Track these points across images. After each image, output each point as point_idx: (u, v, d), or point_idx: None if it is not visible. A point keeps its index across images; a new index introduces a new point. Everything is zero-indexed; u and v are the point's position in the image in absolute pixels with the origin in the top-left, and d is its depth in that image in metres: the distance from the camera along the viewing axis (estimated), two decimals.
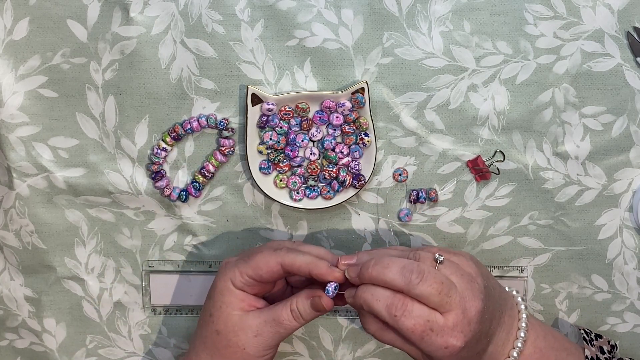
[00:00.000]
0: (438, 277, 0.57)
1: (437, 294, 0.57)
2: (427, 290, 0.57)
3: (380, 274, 0.58)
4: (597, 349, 0.67)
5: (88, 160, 0.70)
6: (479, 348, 0.60)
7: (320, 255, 0.62)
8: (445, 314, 0.57)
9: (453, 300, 0.57)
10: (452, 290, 0.57)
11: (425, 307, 0.57)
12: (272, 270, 0.61)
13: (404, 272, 0.57)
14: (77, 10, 0.67)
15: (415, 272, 0.57)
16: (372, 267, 0.58)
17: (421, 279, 0.57)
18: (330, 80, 0.68)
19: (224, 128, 0.68)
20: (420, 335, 0.57)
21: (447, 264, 0.59)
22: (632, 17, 0.66)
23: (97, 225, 0.72)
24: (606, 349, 0.67)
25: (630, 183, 0.70)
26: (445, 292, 0.57)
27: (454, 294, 0.57)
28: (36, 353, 0.74)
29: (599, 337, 0.68)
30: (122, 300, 0.73)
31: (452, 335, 0.57)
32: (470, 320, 0.57)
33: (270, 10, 0.66)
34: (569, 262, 0.72)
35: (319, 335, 0.74)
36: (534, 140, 0.69)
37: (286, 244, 0.64)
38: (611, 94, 0.68)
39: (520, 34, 0.67)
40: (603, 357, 0.66)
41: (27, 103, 0.68)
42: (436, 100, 0.68)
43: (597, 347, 0.67)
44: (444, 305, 0.57)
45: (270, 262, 0.61)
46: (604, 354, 0.66)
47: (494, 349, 0.61)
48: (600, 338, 0.68)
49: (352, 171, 0.69)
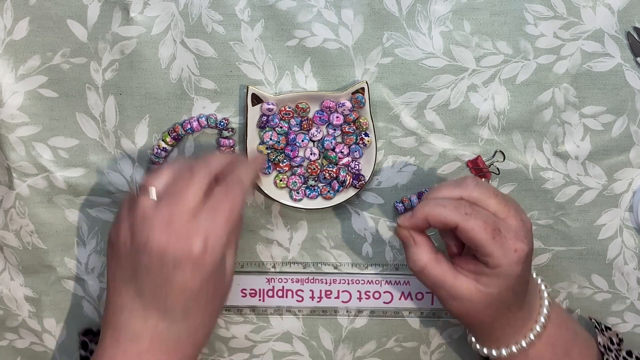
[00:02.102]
0: (492, 187, 0.59)
1: (495, 196, 0.58)
2: (484, 192, 0.58)
3: (436, 192, 0.59)
4: (608, 339, 0.67)
5: (88, 160, 0.70)
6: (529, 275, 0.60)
7: None
8: (506, 219, 0.57)
9: (510, 206, 0.58)
10: (508, 199, 0.59)
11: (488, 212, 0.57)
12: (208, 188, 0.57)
13: (458, 182, 0.59)
14: (77, 10, 0.67)
15: (469, 178, 0.59)
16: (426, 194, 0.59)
17: (476, 183, 0.58)
18: (330, 80, 0.68)
19: (224, 128, 0.68)
20: (492, 234, 0.56)
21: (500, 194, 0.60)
22: (632, 17, 0.66)
23: (97, 225, 0.72)
24: (615, 341, 0.68)
25: (630, 183, 0.70)
26: (501, 197, 0.58)
27: (510, 202, 0.58)
28: (36, 353, 0.74)
29: (608, 328, 0.69)
30: None
31: (519, 239, 0.57)
32: (528, 230, 0.58)
33: (270, 10, 0.66)
34: (569, 262, 0.72)
35: (319, 335, 0.74)
36: (534, 140, 0.69)
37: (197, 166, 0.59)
38: (611, 94, 0.68)
39: (520, 34, 0.67)
40: (613, 347, 0.66)
41: (27, 103, 0.68)
42: (436, 100, 0.68)
43: (607, 338, 0.67)
44: (502, 209, 0.57)
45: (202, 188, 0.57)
46: (614, 344, 0.67)
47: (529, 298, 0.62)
48: (609, 330, 0.69)
49: (352, 171, 0.69)
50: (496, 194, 0.58)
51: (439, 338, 0.74)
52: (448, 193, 0.59)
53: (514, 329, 0.62)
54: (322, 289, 0.73)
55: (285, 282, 0.73)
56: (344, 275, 0.72)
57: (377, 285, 0.72)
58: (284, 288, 0.73)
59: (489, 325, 0.62)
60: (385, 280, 0.72)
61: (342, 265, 0.72)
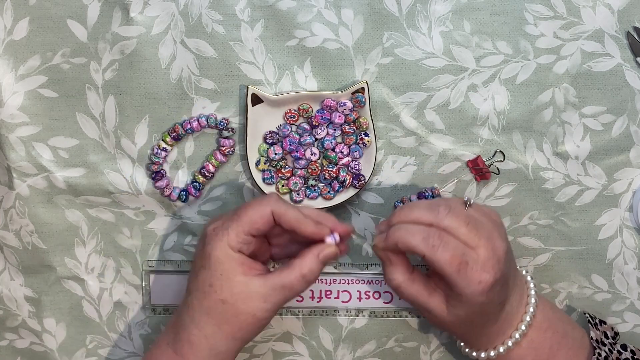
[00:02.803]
0: (465, 213, 0.59)
1: (465, 225, 0.58)
2: (455, 221, 0.58)
3: (409, 213, 0.59)
4: (602, 333, 0.67)
5: (88, 160, 0.70)
6: (501, 297, 0.60)
7: (309, 215, 0.62)
8: (476, 249, 0.58)
9: (481, 235, 0.58)
10: (480, 226, 0.58)
11: (459, 241, 0.58)
12: (266, 220, 0.60)
13: (432, 206, 0.59)
14: (77, 10, 0.67)
15: (442, 205, 0.59)
16: (400, 210, 0.59)
17: (449, 211, 0.58)
18: (330, 80, 0.68)
19: (224, 128, 0.68)
20: (457, 267, 0.57)
21: (475, 207, 0.61)
22: (632, 17, 0.66)
23: (97, 225, 0.72)
24: (610, 335, 0.68)
25: (630, 183, 0.70)
26: (473, 226, 0.58)
27: (482, 230, 0.58)
28: (36, 353, 0.74)
29: (603, 322, 0.69)
30: (122, 300, 0.73)
31: (485, 270, 0.57)
32: (499, 259, 0.58)
33: (270, 10, 0.66)
34: (569, 262, 0.72)
35: (319, 335, 0.74)
36: (534, 140, 0.69)
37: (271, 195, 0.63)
38: (611, 94, 0.68)
39: (520, 34, 0.67)
40: (607, 341, 0.66)
41: (27, 103, 0.68)
42: (436, 100, 0.68)
43: (602, 332, 0.67)
44: (472, 238, 0.58)
45: (264, 212, 0.60)
46: (608, 339, 0.67)
47: (509, 309, 0.62)
48: (604, 324, 0.69)
49: (352, 171, 0.69)
50: (467, 223, 0.58)
51: (439, 338, 0.74)
52: (420, 216, 0.59)
53: (491, 338, 0.63)
54: (322, 289, 0.73)
55: None
56: (344, 275, 0.72)
57: (377, 285, 0.72)
58: None
59: (462, 336, 0.65)
60: None
61: (342, 265, 0.72)
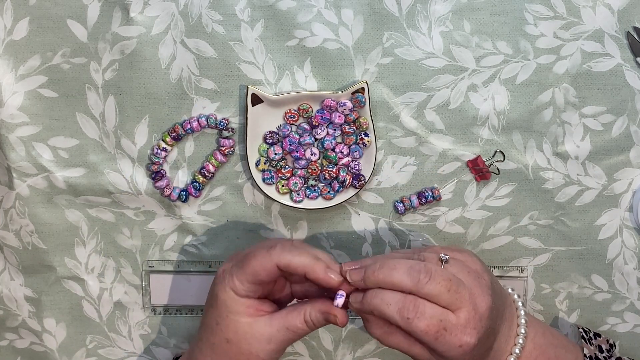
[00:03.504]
0: (446, 274, 0.57)
1: (447, 291, 0.56)
2: (436, 288, 0.56)
3: (388, 276, 0.57)
4: (596, 347, 0.67)
5: (88, 160, 0.70)
6: (488, 345, 0.59)
7: (319, 257, 0.60)
8: (457, 311, 0.57)
9: (463, 296, 0.57)
10: (461, 287, 0.57)
11: (437, 306, 0.57)
12: (269, 272, 0.60)
13: (412, 272, 0.57)
14: (77, 10, 0.67)
15: (423, 271, 0.57)
16: (378, 270, 0.57)
17: (430, 278, 0.56)
18: (330, 80, 0.68)
19: (224, 128, 0.68)
20: (434, 335, 0.56)
21: (453, 262, 0.59)
22: (632, 17, 0.66)
23: (97, 225, 0.72)
24: (605, 348, 0.67)
25: (630, 183, 0.70)
26: (454, 289, 0.57)
27: (463, 291, 0.57)
28: (36, 353, 0.74)
29: (598, 335, 0.69)
30: (122, 300, 0.73)
31: (466, 333, 0.57)
32: (482, 317, 0.57)
33: (270, 10, 0.66)
34: (569, 262, 0.72)
35: (319, 335, 0.74)
36: (534, 140, 0.69)
37: (280, 243, 0.62)
38: (611, 94, 0.68)
39: (520, 34, 0.67)
40: (602, 355, 0.66)
41: (27, 103, 0.68)
42: (436, 100, 0.68)
43: (596, 346, 0.67)
44: (454, 302, 0.57)
45: (267, 265, 0.60)
46: (603, 352, 0.66)
47: (497, 346, 0.61)
48: (599, 337, 0.68)
49: (352, 171, 0.69)
50: (449, 288, 0.57)
51: None
52: (399, 282, 0.57)
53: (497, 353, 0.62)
54: None
55: None
56: None
57: None
58: None
59: None
60: None
61: None
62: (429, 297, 0.56)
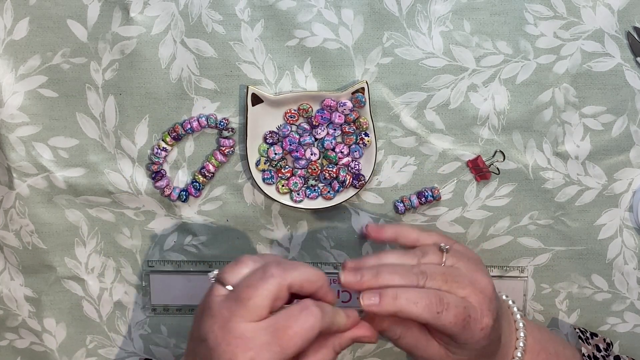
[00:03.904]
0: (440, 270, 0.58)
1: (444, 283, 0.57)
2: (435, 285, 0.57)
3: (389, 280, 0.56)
4: (594, 347, 0.67)
5: (88, 160, 0.70)
6: (498, 332, 0.60)
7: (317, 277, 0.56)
8: (467, 297, 0.57)
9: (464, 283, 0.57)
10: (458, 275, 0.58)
11: (455, 295, 0.57)
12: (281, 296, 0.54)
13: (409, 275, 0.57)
14: (77, 10, 0.67)
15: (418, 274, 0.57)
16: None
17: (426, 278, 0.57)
18: (330, 80, 0.68)
19: (224, 128, 0.68)
20: (462, 324, 0.56)
21: (452, 252, 0.60)
22: (632, 17, 0.66)
23: (97, 225, 0.72)
24: (602, 347, 0.67)
25: (630, 183, 0.70)
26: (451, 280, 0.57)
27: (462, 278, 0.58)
28: (36, 353, 0.74)
29: (595, 335, 0.69)
30: (122, 300, 0.74)
31: (483, 315, 0.57)
32: (490, 298, 0.58)
33: (270, 10, 0.66)
34: (569, 262, 0.72)
35: None
36: (534, 140, 0.69)
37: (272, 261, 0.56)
38: (611, 94, 0.68)
39: (520, 34, 0.67)
40: (600, 355, 0.66)
41: (27, 103, 0.68)
42: (436, 100, 0.68)
43: (594, 346, 0.67)
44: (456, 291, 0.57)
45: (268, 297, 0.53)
46: (600, 351, 0.67)
47: (504, 340, 0.61)
48: (595, 336, 0.68)
49: (352, 171, 0.69)
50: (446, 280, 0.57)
51: None
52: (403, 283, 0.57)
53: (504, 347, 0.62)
54: None
55: None
56: None
57: None
58: None
59: None
60: None
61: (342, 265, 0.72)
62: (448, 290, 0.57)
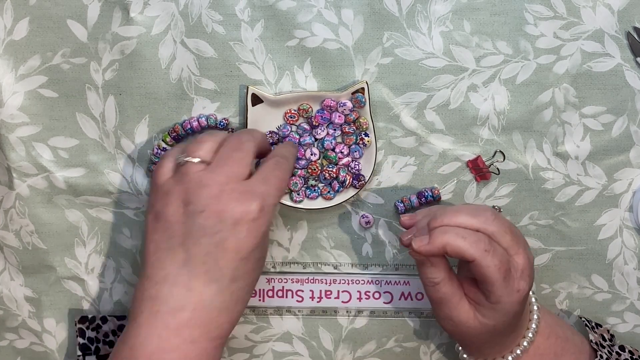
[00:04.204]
0: (506, 219, 0.59)
1: (510, 233, 0.58)
2: (502, 227, 0.58)
3: (452, 217, 0.58)
4: (599, 336, 0.67)
5: (88, 160, 0.70)
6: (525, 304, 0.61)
7: None
8: (515, 256, 0.58)
9: (520, 243, 0.58)
10: (519, 234, 0.59)
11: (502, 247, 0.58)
12: None
13: (478, 211, 0.58)
14: (77, 10, 0.67)
15: (489, 210, 0.58)
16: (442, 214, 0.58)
17: (495, 217, 0.58)
18: (330, 80, 0.68)
19: (224, 128, 0.68)
20: (504, 274, 0.57)
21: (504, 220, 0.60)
22: (632, 17, 0.66)
23: (97, 225, 0.72)
24: (607, 337, 0.68)
25: (630, 183, 0.70)
26: (514, 233, 0.58)
27: (520, 238, 0.59)
28: (36, 353, 0.74)
29: (599, 325, 0.69)
30: (122, 300, 0.73)
31: (522, 278, 0.58)
32: (532, 266, 0.59)
33: (270, 10, 0.66)
34: (569, 262, 0.72)
35: (319, 335, 0.74)
36: (534, 140, 0.69)
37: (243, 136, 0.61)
38: (611, 94, 0.68)
39: (520, 34, 0.67)
40: (605, 343, 0.67)
41: (27, 103, 0.68)
42: (436, 100, 0.68)
43: (599, 335, 0.68)
44: (513, 246, 0.58)
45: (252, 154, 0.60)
46: (605, 341, 0.67)
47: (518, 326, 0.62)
48: (600, 327, 0.69)
49: (352, 171, 0.69)
50: (511, 230, 0.58)
51: (439, 338, 0.74)
52: (466, 221, 0.58)
53: (503, 347, 0.63)
54: (322, 289, 0.73)
55: (285, 283, 0.73)
56: (343, 276, 0.72)
57: (377, 285, 0.72)
58: (284, 288, 0.73)
59: (478, 346, 0.64)
60: (385, 280, 0.72)
61: (342, 266, 0.72)
62: (494, 235, 0.57)
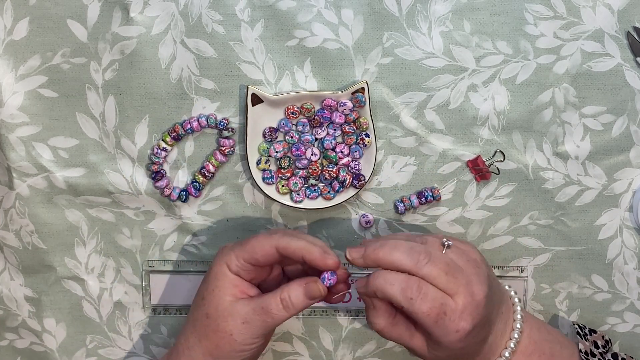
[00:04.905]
0: (444, 258, 0.58)
1: (445, 274, 0.57)
2: (434, 270, 0.57)
3: (387, 255, 0.58)
4: (592, 343, 0.67)
5: (88, 160, 0.70)
6: (482, 335, 0.60)
7: (316, 243, 0.62)
8: (454, 296, 0.58)
9: (460, 282, 0.58)
10: (459, 273, 0.58)
11: (438, 289, 0.57)
12: (267, 253, 0.61)
13: (412, 253, 0.58)
14: (77, 10, 0.67)
15: (422, 253, 0.58)
16: (379, 248, 0.59)
17: (429, 259, 0.57)
18: (330, 80, 0.68)
19: (224, 128, 0.68)
20: (435, 318, 0.57)
21: (454, 249, 0.60)
22: (632, 17, 0.66)
23: (97, 225, 0.72)
24: (600, 344, 0.67)
25: (630, 183, 0.70)
26: (452, 274, 0.58)
27: (461, 276, 0.58)
28: (36, 353, 0.74)
29: (593, 332, 0.69)
30: (122, 300, 0.74)
31: (462, 319, 0.57)
32: (478, 304, 0.58)
33: (270, 10, 0.66)
34: (569, 262, 0.72)
35: (319, 335, 0.74)
36: (534, 140, 0.69)
37: (282, 229, 0.64)
38: (611, 94, 0.68)
39: (520, 34, 0.67)
40: (597, 351, 0.66)
41: (27, 103, 0.68)
42: (436, 100, 0.68)
43: (592, 342, 0.67)
44: (451, 287, 0.57)
45: (265, 245, 0.61)
46: (598, 348, 0.67)
47: (492, 339, 0.61)
48: (594, 333, 0.69)
49: (352, 171, 0.69)
50: (447, 271, 0.58)
51: None
52: (399, 261, 0.58)
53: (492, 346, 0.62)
54: None
55: None
56: None
57: None
58: None
59: None
60: None
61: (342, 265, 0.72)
62: (428, 278, 0.57)
